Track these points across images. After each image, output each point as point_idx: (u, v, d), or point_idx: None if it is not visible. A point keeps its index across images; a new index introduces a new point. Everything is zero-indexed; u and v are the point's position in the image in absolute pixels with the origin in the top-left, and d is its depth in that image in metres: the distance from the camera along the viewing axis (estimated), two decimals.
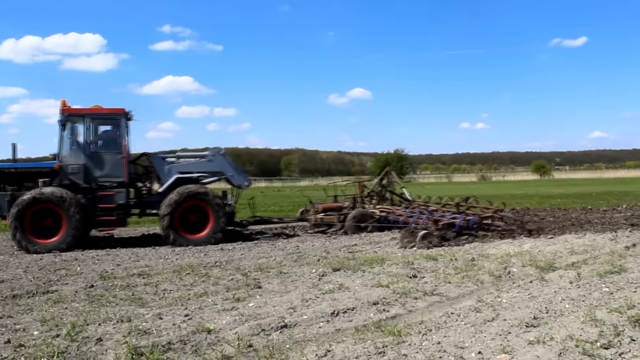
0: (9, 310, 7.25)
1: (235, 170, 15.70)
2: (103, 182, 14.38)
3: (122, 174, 14.41)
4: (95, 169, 14.34)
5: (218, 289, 8.23)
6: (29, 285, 8.90)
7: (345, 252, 11.77)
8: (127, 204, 14.58)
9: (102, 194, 14.22)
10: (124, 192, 14.41)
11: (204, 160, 15.51)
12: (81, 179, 14.16)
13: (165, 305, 7.28)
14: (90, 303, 7.51)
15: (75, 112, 14.41)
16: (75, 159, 14.31)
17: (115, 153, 14.48)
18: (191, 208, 14.33)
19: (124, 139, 14.51)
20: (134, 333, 5.93)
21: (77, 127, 14.60)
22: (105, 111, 14.74)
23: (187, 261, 11.08)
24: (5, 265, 11.27)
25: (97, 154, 14.44)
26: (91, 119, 14.37)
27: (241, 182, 15.72)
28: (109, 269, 10.31)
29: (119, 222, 14.56)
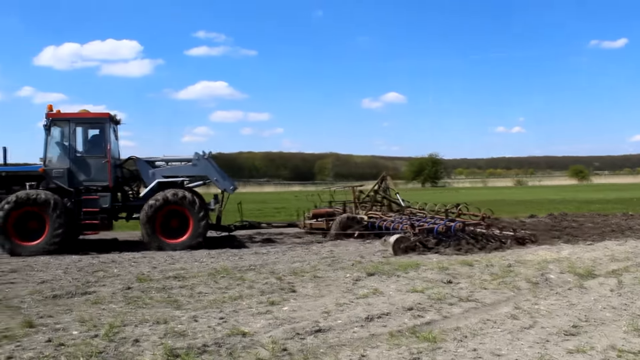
0: (49, 310, 7.40)
1: (221, 174, 15.52)
2: (87, 185, 14.42)
3: (106, 177, 14.42)
4: (80, 173, 14.40)
5: (253, 292, 8.26)
6: (68, 286, 9.07)
7: (379, 256, 11.71)
8: (111, 208, 14.51)
9: (86, 197, 14.23)
10: (108, 196, 14.40)
11: (189, 164, 15.42)
12: (66, 183, 14.22)
13: (200, 307, 7.34)
14: (128, 304, 7.61)
15: (61, 116, 14.48)
16: (60, 163, 14.43)
17: (99, 157, 14.50)
18: (171, 213, 14.22)
19: (108, 143, 14.52)
20: (169, 335, 5.99)
21: (62, 131, 14.67)
22: (90, 115, 14.84)
23: (222, 264, 11.14)
24: (46, 266, 11.51)
25: (81, 158, 14.55)
26: (76, 123, 14.52)
27: (226, 187, 15.53)
28: (145, 271, 10.44)
29: (103, 226, 14.50)
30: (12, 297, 8.29)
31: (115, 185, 14.78)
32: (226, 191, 15.62)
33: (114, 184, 14.64)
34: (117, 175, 14.96)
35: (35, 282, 9.57)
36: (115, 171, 14.89)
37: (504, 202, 31.80)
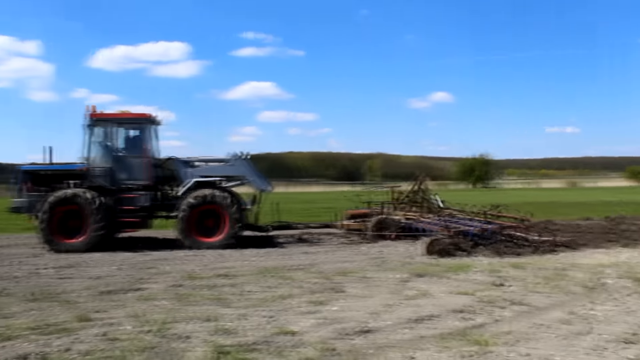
0: (104, 304, 7.60)
1: (257, 174, 15.53)
2: (127, 184, 14.71)
3: (145, 176, 14.73)
4: (120, 172, 14.69)
5: (301, 291, 8.29)
6: (121, 282, 9.30)
7: (429, 258, 11.57)
8: (150, 207, 14.78)
9: (126, 196, 14.53)
10: (147, 194, 14.68)
11: (225, 164, 15.52)
12: (107, 181, 14.54)
13: (249, 306, 7.40)
14: (178, 301, 7.74)
15: (102, 116, 14.82)
16: (101, 162, 14.75)
17: (139, 156, 14.83)
18: (207, 212, 14.36)
19: (147, 143, 14.87)
20: (219, 332, 6.06)
21: (104, 131, 14.97)
22: (131, 116, 15.16)
23: (270, 264, 11.22)
24: (101, 262, 11.82)
25: (122, 157, 14.87)
26: (117, 123, 14.87)
27: (262, 187, 15.55)
28: (195, 269, 10.60)
29: (141, 224, 14.85)
30: (69, 291, 8.55)
31: (154, 184, 15.03)
32: (262, 191, 15.67)
33: (153, 183, 14.91)
34: (156, 175, 15.18)
35: (91, 277, 9.85)
36: (155, 170, 15.11)
37: (557, 204, 31.09)
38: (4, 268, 11.08)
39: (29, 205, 14.26)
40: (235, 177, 15.47)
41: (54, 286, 9.01)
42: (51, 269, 10.88)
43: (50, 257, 12.68)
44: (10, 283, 9.39)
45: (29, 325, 6.43)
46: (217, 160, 15.72)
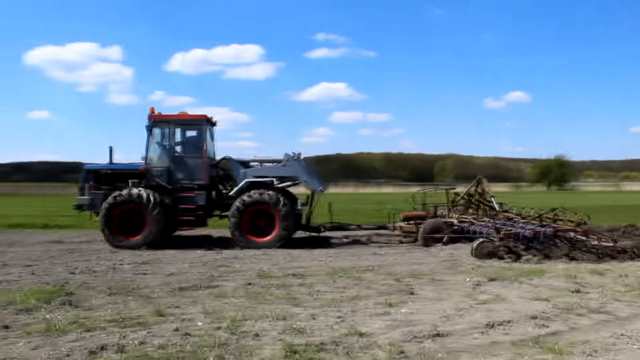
0: (176, 301, 7.79)
1: (310, 175, 15.61)
2: (184, 184, 15.06)
3: (202, 176, 15.10)
4: (178, 172, 15.16)
5: (371, 293, 8.24)
6: (194, 279, 9.51)
7: (503, 262, 11.25)
8: (206, 206, 15.12)
9: (183, 195, 14.94)
10: (203, 194, 15.03)
11: (279, 165, 15.67)
12: (165, 181, 15.00)
13: (319, 306, 7.41)
14: (249, 299, 7.84)
15: (161, 118, 15.30)
16: (160, 162, 15.22)
17: (196, 157, 15.22)
18: (259, 212, 14.57)
19: (205, 144, 15.16)
20: (288, 331, 6.10)
21: (163, 132, 15.43)
22: (189, 117, 15.55)
23: (340, 264, 11.22)
24: (174, 259, 12.15)
25: (180, 157, 15.36)
26: (175, 124, 15.29)
27: (315, 187, 15.63)
28: (265, 268, 10.72)
29: (198, 223, 15.24)
30: (143, 287, 8.81)
31: (210, 184, 15.37)
32: (315, 192, 15.76)
33: (209, 183, 15.22)
34: (212, 175, 15.54)
35: (164, 274, 10.13)
36: (211, 170, 15.47)
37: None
38: (85, 263, 11.56)
39: (91, 203, 15.02)
40: (289, 177, 15.61)
41: (130, 281, 9.33)
42: (128, 265, 11.26)
43: (127, 253, 13.15)
44: (90, 277, 9.79)
45: (107, 318, 6.68)
46: (271, 161, 15.93)
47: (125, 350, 5.42)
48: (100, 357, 5.26)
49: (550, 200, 27.26)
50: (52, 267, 11.12)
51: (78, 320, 6.57)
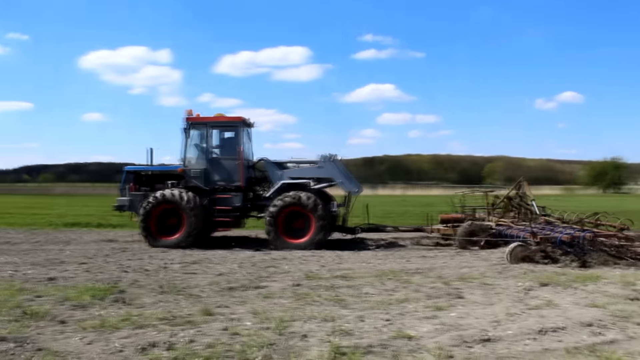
0: (225, 300, 7.88)
1: (346, 176, 15.54)
2: (221, 185, 15.30)
3: (239, 178, 15.25)
4: (215, 173, 15.36)
5: (419, 296, 8.16)
6: (242, 279, 9.60)
7: (555, 267, 10.96)
8: (243, 207, 15.28)
9: (220, 196, 15.12)
10: (240, 195, 15.20)
11: (315, 166, 15.71)
12: (202, 182, 15.22)
13: (366, 308, 7.38)
14: (297, 300, 7.86)
15: (198, 120, 15.53)
16: (197, 164, 15.46)
17: (232, 158, 15.41)
18: (294, 214, 14.63)
19: (240, 146, 15.28)
20: (336, 333, 6.09)
21: (200, 134, 15.67)
22: (225, 119, 15.72)
23: (388, 266, 11.15)
24: (223, 259, 12.29)
25: (216, 159, 15.58)
26: (212, 126, 15.47)
27: (351, 189, 15.58)
28: (314, 270, 10.74)
29: (234, 224, 15.48)
30: (193, 286, 8.95)
31: (247, 185, 15.53)
32: (351, 193, 15.71)
33: (245, 184, 15.38)
34: (249, 176, 15.71)
35: (213, 274, 10.26)
36: (248, 172, 15.64)
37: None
38: (136, 262, 11.81)
39: (130, 203, 15.44)
40: (324, 178, 15.57)
41: (180, 280, 9.48)
42: (178, 265, 11.45)
43: (177, 253, 13.37)
44: (141, 276, 10.00)
45: (158, 316, 6.81)
46: (307, 162, 16.02)
47: (174, 348, 5.51)
48: (151, 354, 5.35)
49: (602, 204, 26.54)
50: (105, 265, 11.40)
51: (130, 318, 6.72)
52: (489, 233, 14.24)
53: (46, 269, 10.83)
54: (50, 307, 7.29)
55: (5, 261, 11.85)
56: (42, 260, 12.02)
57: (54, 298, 7.87)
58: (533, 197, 16.18)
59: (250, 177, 15.96)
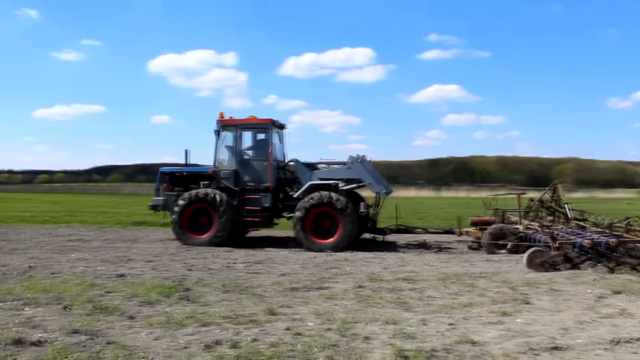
0: (288, 300, 7.93)
1: (375, 177, 15.50)
2: (251, 186, 15.59)
3: (268, 179, 15.45)
4: (244, 174, 15.67)
5: (484, 300, 7.98)
6: (305, 280, 9.64)
7: (633, 274, 10.51)
8: (272, 207, 15.47)
9: (249, 196, 15.45)
10: (269, 195, 15.41)
11: (343, 167, 15.77)
12: (232, 183, 15.55)
13: (430, 311, 7.28)
14: (359, 302, 7.83)
15: (229, 122, 15.92)
16: (228, 165, 15.80)
17: (262, 160, 15.63)
18: (322, 214, 14.70)
19: (270, 147, 15.39)
20: (399, 336, 6.02)
21: (230, 135, 15.98)
22: (255, 121, 15.98)
23: (452, 270, 10.98)
24: (286, 260, 12.39)
25: (246, 160, 15.86)
26: (242, 128, 15.74)
27: (379, 190, 15.50)
28: (376, 272, 10.68)
29: (263, 223, 15.65)
30: (257, 285, 9.05)
31: (277, 186, 15.72)
32: (379, 194, 15.63)
33: (275, 185, 15.57)
34: (279, 177, 15.91)
35: (276, 274, 10.35)
36: (278, 173, 15.86)
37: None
38: (201, 261, 12.04)
39: (164, 203, 15.99)
40: (353, 179, 15.59)
41: (243, 280, 9.61)
42: (241, 264, 11.62)
43: (240, 252, 13.57)
44: (206, 274, 10.19)
45: (222, 314, 6.91)
46: (337, 164, 16.10)
47: (238, 346, 5.57)
48: (215, 351, 5.43)
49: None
50: (171, 263, 11.69)
51: (195, 315, 6.85)
52: (516, 236, 13.83)
53: (115, 265, 11.20)
54: (119, 302, 7.53)
55: (77, 257, 12.34)
56: (111, 257, 12.45)
57: (123, 294, 8.12)
58: (567, 200, 15.53)
59: (281, 178, 16.22)
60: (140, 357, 5.27)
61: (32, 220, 24.90)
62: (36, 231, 19.37)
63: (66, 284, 8.94)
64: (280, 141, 16.75)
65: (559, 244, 11.27)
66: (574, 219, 14.63)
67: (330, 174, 15.83)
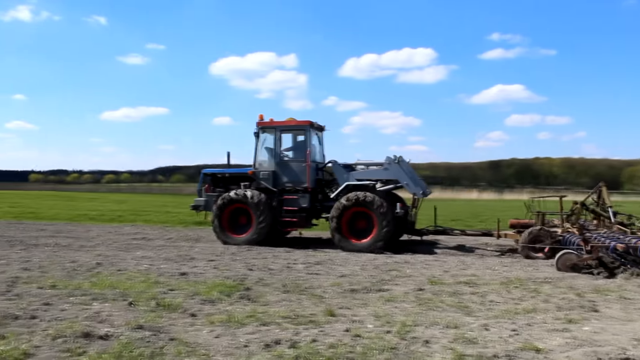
0: (347, 302, 7.91)
1: (412, 178, 15.36)
2: (289, 186, 15.76)
3: (305, 179, 15.57)
4: (283, 175, 15.86)
5: (548, 306, 7.75)
6: (365, 282, 9.60)
7: None
8: (310, 208, 15.58)
9: (287, 197, 15.64)
10: (307, 196, 15.54)
11: (380, 168, 15.73)
12: (270, 183, 15.76)
13: (491, 316, 7.12)
14: (419, 305, 7.74)
15: (267, 124, 16.14)
16: (267, 166, 16.07)
17: (300, 161, 15.76)
18: (358, 214, 14.72)
19: (308, 149, 15.56)
20: (459, 340, 5.91)
21: (270, 137, 16.15)
22: (293, 123, 16.18)
23: (515, 274, 10.71)
24: (346, 261, 12.38)
25: (284, 161, 16.05)
26: (281, 130, 16.02)
27: (416, 191, 15.36)
28: (437, 275, 10.53)
29: (301, 224, 15.75)
30: (316, 286, 9.08)
31: (315, 186, 15.80)
32: (416, 195, 15.57)
33: (313, 186, 15.65)
34: (317, 178, 15.99)
35: (336, 275, 10.34)
36: (316, 174, 15.93)
37: None
38: (261, 261, 12.16)
39: (205, 204, 16.39)
40: (390, 180, 15.57)
41: (303, 280, 9.65)
42: (301, 265, 11.66)
43: (300, 253, 13.64)
44: (266, 274, 10.28)
45: (282, 314, 6.96)
46: (374, 165, 16.08)
47: (297, 346, 5.60)
48: (275, 350, 5.47)
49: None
50: (232, 262, 11.85)
51: (255, 314, 6.92)
52: (554, 240, 13.35)
53: (178, 264, 11.45)
54: (181, 300, 7.69)
55: (142, 255, 12.68)
56: (174, 256, 12.73)
57: (185, 292, 8.29)
58: (611, 203, 14.80)
59: (319, 179, 16.34)
60: (201, 354, 5.36)
61: (99, 218, 25.81)
62: (103, 229, 20.06)
63: (131, 280, 9.21)
64: (320, 143, 16.97)
65: (592, 247, 10.98)
66: (618, 223, 13.99)
67: (368, 175, 15.86)
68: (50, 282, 8.90)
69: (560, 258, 11.03)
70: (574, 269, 10.76)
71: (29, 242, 15.25)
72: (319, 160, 16.71)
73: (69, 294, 8.05)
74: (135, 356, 5.23)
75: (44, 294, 8.03)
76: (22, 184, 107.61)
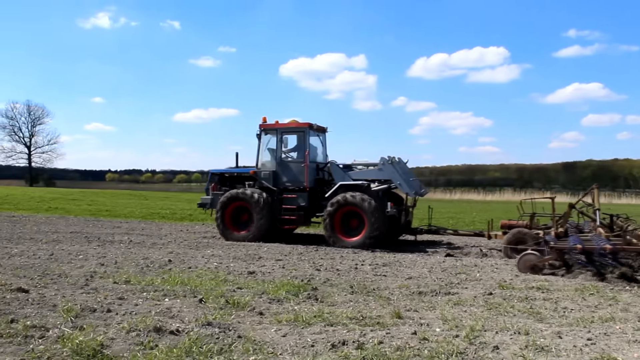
0: (415, 304, 7.82)
1: (405, 179, 15.84)
2: (287, 186, 16.44)
3: (304, 179, 16.23)
4: (282, 175, 16.58)
5: (628, 316, 7.39)
6: (432, 284, 9.47)
7: None
8: (308, 206, 16.22)
9: (286, 196, 16.36)
10: (305, 195, 16.24)
11: (375, 168, 16.27)
12: (271, 183, 16.46)
13: (565, 324, 6.86)
14: (488, 310, 7.56)
15: (269, 126, 16.89)
16: (268, 166, 16.82)
17: (299, 161, 16.48)
18: (350, 213, 15.31)
19: (307, 149, 16.22)
20: (530, 347, 5.72)
21: (271, 139, 16.90)
22: (293, 125, 16.81)
23: (590, 281, 10.30)
24: (413, 263, 12.26)
25: (284, 162, 16.78)
26: (281, 132, 16.71)
27: (408, 191, 15.92)
28: (507, 279, 10.26)
29: (299, 222, 16.60)
30: (383, 288, 9.02)
31: (314, 186, 16.31)
32: (409, 195, 16.08)
33: (312, 185, 16.40)
34: (316, 178, 16.50)
35: (403, 277, 10.26)
36: (316, 174, 16.68)
37: None
38: (328, 261, 12.21)
39: (212, 202, 17.21)
40: (384, 180, 15.89)
41: (370, 282, 9.61)
42: (368, 266, 11.62)
43: (367, 254, 13.62)
44: (333, 275, 10.30)
45: (348, 315, 6.95)
46: (369, 165, 16.55)
47: (364, 348, 5.56)
48: (341, 351, 5.45)
49: None
50: (299, 262, 11.94)
51: (322, 314, 6.94)
52: (537, 241, 12.88)
53: (246, 263, 11.64)
54: (249, 298, 7.79)
55: (212, 254, 12.95)
56: (242, 255, 12.94)
57: (253, 291, 8.41)
58: (598, 206, 14.00)
59: (320, 179, 16.75)
60: (268, 352, 5.41)
61: (170, 217, 26.58)
62: (174, 227, 20.65)
63: (201, 278, 9.42)
64: (322, 144, 17.63)
65: (552, 248, 10.92)
66: (600, 226, 13.55)
67: (363, 175, 16.35)
68: (124, 278, 9.23)
69: (520, 259, 11.12)
70: (534, 269, 10.76)
71: (105, 238, 15.88)
72: (321, 160, 17.32)
73: (141, 290, 8.32)
74: (205, 352, 5.33)
75: (118, 289, 8.33)
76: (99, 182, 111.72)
